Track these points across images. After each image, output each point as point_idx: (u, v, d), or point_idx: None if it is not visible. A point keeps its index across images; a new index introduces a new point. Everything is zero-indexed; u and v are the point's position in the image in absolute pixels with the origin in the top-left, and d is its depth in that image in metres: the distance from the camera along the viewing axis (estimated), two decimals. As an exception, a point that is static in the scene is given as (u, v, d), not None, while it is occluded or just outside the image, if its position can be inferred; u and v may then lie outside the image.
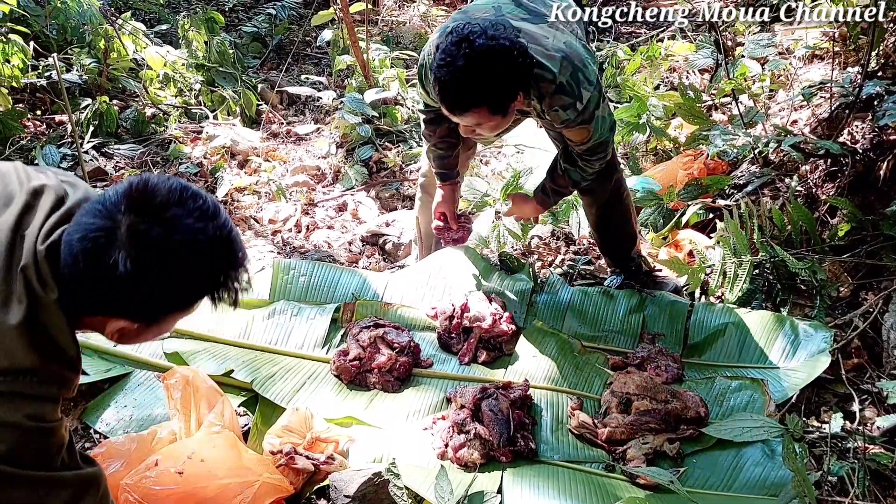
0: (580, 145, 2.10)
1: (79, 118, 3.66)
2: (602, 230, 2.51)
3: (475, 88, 1.77)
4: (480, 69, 1.73)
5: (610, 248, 2.55)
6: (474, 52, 1.71)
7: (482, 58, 1.72)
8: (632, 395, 2.00)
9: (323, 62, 5.11)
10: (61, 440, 1.16)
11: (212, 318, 2.30)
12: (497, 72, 1.75)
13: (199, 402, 1.81)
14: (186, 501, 1.63)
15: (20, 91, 3.83)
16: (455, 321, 2.31)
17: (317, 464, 1.81)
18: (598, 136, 2.06)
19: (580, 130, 2.03)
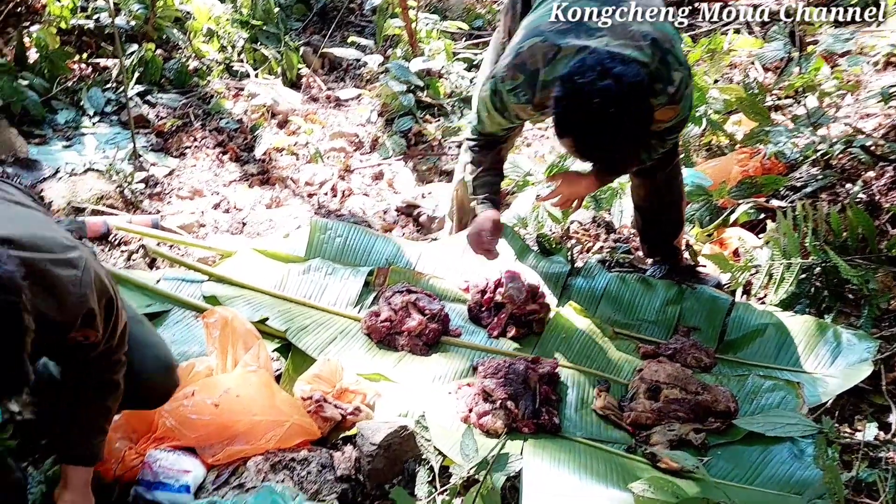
0: (661, 124, 2.16)
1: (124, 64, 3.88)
2: (649, 213, 2.59)
3: (612, 141, 1.91)
4: (619, 127, 1.87)
5: (652, 235, 2.65)
6: (615, 113, 1.83)
7: (619, 117, 1.84)
8: (661, 383, 2.13)
9: (366, 31, 5.28)
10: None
11: (249, 268, 2.50)
12: (633, 125, 1.90)
13: (237, 343, 2.00)
14: (220, 433, 1.82)
15: (67, 32, 4.07)
16: (487, 295, 2.47)
17: (344, 413, 1.98)
18: (681, 115, 2.15)
19: (667, 111, 2.10)
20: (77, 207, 2.89)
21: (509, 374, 2.06)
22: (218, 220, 3.09)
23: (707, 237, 2.98)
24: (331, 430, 2.00)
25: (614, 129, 1.88)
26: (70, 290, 1.32)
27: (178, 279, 2.48)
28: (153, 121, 3.80)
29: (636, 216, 2.66)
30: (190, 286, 2.43)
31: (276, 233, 2.99)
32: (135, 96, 3.87)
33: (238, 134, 3.90)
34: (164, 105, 3.97)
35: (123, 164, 3.29)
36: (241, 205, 3.24)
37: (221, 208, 3.22)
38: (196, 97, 4.12)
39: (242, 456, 1.84)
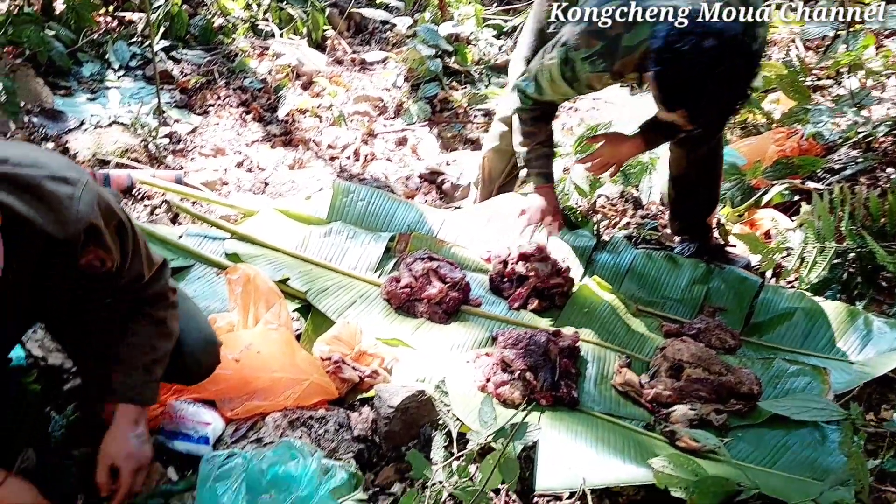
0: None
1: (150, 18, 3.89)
2: (686, 187, 2.55)
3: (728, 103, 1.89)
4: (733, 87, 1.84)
5: (685, 210, 2.62)
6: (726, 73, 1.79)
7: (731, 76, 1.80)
8: (685, 362, 2.13)
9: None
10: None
11: (271, 228, 2.52)
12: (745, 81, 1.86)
13: (258, 301, 2.02)
14: (240, 388, 1.85)
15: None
16: (509, 266, 2.47)
17: (362, 375, 2.01)
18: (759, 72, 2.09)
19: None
20: (102, 160, 2.93)
21: (530, 345, 2.06)
22: (240, 179, 3.11)
23: (738, 217, 2.95)
24: (348, 392, 2.03)
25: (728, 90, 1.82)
26: (66, 203, 1.30)
27: (201, 235, 2.50)
28: (177, 77, 3.82)
29: (670, 190, 2.63)
30: (212, 243, 2.46)
31: (299, 194, 3.01)
32: (160, 51, 3.88)
33: (262, 94, 3.91)
34: (188, 61, 3.98)
35: (148, 118, 3.31)
36: (263, 164, 3.26)
37: (244, 167, 3.24)
38: (221, 55, 4.13)
39: (261, 411, 1.88)
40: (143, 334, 1.56)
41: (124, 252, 1.46)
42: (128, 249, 1.47)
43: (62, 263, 1.37)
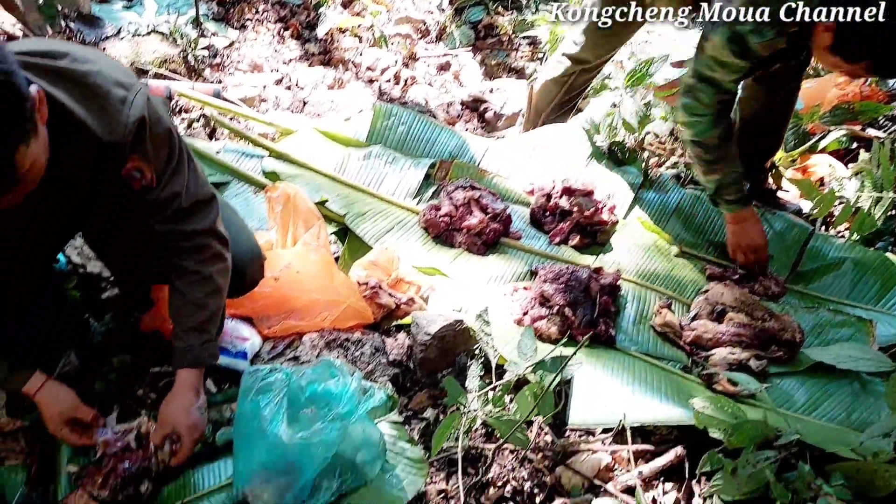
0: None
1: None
2: (755, 128, 2.48)
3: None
4: None
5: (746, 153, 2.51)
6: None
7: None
8: (727, 306, 2.11)
9: None
10: None
11: (309, 148, 2.50)
12: None
13: (298, 220, 2.02)
14: (278, 306, 1.88)
15: None
16: (553, 200, 2.43)
17: (398, 302, 2.02)
18: None
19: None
20: (140, 69, 2.90)
21: (571, 280, 2.05)
22: (279, 97, 3.07)
23: (790, 162, 2.87)
24: (383, 318, 2.05)
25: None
26: (118, 107, 1.29)
27: (239, 152, 2.49)
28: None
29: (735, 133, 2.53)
30: (250, 160, 2.45)
31: (338, 115, 2.97)
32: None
33: (301, 10, 3.82)
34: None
35: (187, 28, 3.26)
36: (302, 83, 3.21)
37: (283, 85, 3.20)
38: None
39: (297, 331, 1.91)
40: (190, 294, 1.53)
41: (166, 166, 1.42)
42: (171, 164, 1.43)
43: (106, 169, 1.37)
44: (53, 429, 1.53)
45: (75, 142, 1.27)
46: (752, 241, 2.27)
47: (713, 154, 2.15)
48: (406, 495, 1.56)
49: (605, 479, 1.69)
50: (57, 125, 1.20)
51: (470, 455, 1.71)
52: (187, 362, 1.54)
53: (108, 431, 1.55)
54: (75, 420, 1.54)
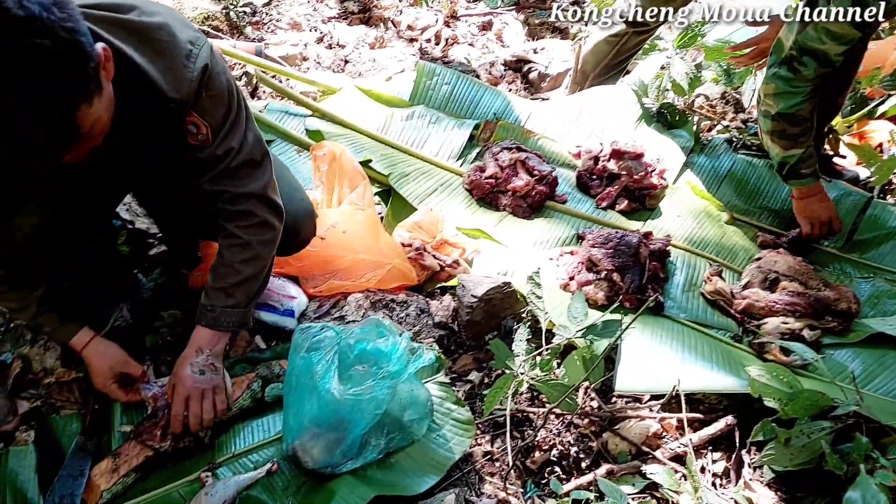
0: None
1: None
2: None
3: None
4: None
5: None
6: None
7: None
8: (781, 275, 2.08)
9: None
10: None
11: (352, 108, 2.50)
12: None
13: (343, 180, 2.03)
14: (323, 265, 1.89)
15: None
16: (600, 163, 2.40)
17: (442, 264, 2.02)
18: None
19: None
20: (181, 26, 2.89)
21: (620, 245, 2.03)
22: (320, 56, 3.06)
23: (847, 128, 2.79)
24: (426, 280, 2.06)
25: None
26: (183, 62, 1.29)
27: (282, 111, 2.50)
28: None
29: None
30: (293, 119, 2.46)
31: (380, 74, 2.95)
32: None
33: (339, -33, 3.78)
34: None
35: (227, -16, 3.26)
36: (343, 41, 3.19)
37: (324, 43, 3.18)
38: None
39: (343, 291, 1.92)
40: (228, 256, 1.52)
41: (223, 123, 1.42)
42: (227, 121, 1.42)
43: (168, 124, 1.37)
44: (101, 384, 1.57)
45: (141, 97, 1.27)
46: (828, 211, 2.22)
47: (800, 127, 2.06)
48: (453, 455, 1.58)
49: (653, 446, 1.69)
50: (124, 80, 1.20)
51: (515, 419, 1.72)
52: (205, 321, 1.53)
53: (153, 387, 1.58)
54: (123, 377, 1.58)
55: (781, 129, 2.07)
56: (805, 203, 2.22)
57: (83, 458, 1.51)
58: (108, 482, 1.46)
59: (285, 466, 1.53)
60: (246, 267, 1.52)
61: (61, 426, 1.61)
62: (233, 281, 1.52)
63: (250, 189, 1.49)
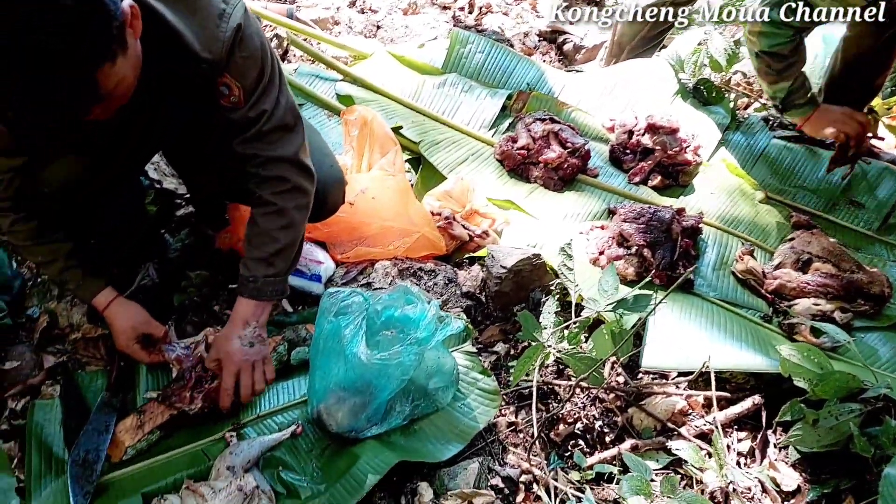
0: None
1: None
2: (857, 69, 2.37)
3: None
4: None
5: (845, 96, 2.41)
6: None
7: None
8: (814, 256, 2.04)
9: None
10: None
11: (384, 74, 2.47)
12: None
13: (374, 145, 2.01)
14: (351, 231, 1.89)
15: None
16: (635, 137, 2.36)
17: (472, 234, 2.01)
18: None
19: None
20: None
21: (652, 220, 2.01)
22: (352, 20, 3.03)
23: (886, 110, 2.72)
24: (454, 250, 2.04)
25: None
26: (216, 22, 1.27)
27: (312, 75, 2.48)
28: None
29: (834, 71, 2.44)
30: (324, 84, 2.44)
31: (412, 41, 2.92)
32: None
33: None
34: None
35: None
36: (376, 6, 3.15)
37: (356, 7, 3.15)
38: None
39: (370, 258, 1.92)
40: (264, 224, 1.49)
41: (255, 85, 1.39)
42: (261, 83, 1.40)
43: (199, 84, 1.36)
44: (124, 344, 1.56)
45: (172, 56, 1.26)
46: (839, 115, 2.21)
47: (783, 62, 2.12)
48: (477, 424, 1.58)
49: (679, 423, 1.68)
50: (154, 38, 1.19)
51: (540, 391, 1.71)
52: (247, 292, 1.51)
53: (176, 348, 1.57)
54: (146, 337, 1.58)
55: (766, 65, 2.14)
56: (813, 121, 2.22)
57: (108, 413, 1.52)
58: (133, 439, 1.46)
59: (310, 429, 1.54)
60: (283, 234, 1.50)
61: (87, 382, 1.62)
62: (271, 249, 1.50)
63: (282, 153, 1.47)
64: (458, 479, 1.49)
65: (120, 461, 1.44)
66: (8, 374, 1.60)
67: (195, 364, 1.55)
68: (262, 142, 1.45)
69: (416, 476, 1.50)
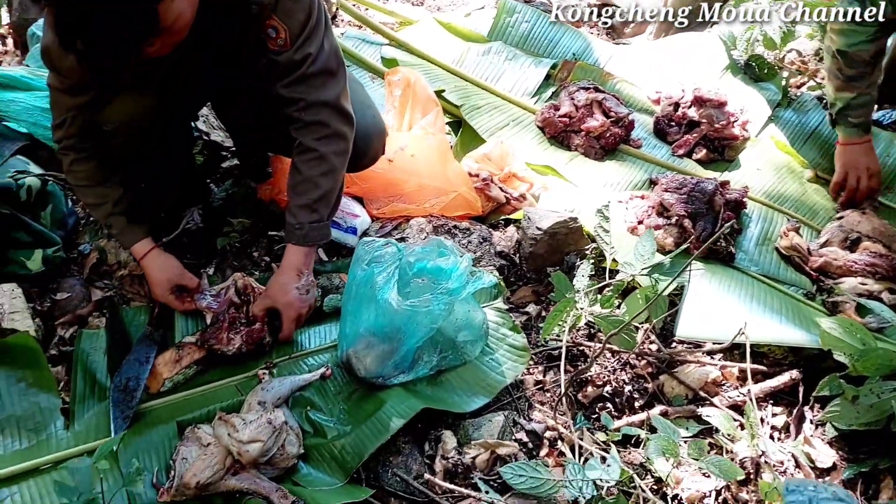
0: None
1: None
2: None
3: None
4: None
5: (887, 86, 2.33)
6: None
7: None
8: (863, 235, 1.97)
9: None
10: None
11: (429, 40, 2.46)
12: None
13: (416, 106, 2.01)
14: (388, 188, 1.89)
15: None
16: (681, 110, 2.31)
17: (509, 197, 1.99)
18: None
19: None
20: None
21: (694, 191, 1.96)
22: (399, -12, 3.03)
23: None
24: (490, 212, 2.03)
25: None
26: None
27: (359, 39, 2.49)
28: None
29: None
30: (369, 48, 2.44)
31: (459, 9, 2.90)
32: None
33: None
34: None
35: None
36: (425, -25, 3.14)
37: (405, -25, 3.14)
38: None
39: (406, 214, 1.92)
40: (306, 171, 1.51)
41: (302, 29, 1.40)
42: (307, 27, 1.41)
43: (248, 26, 1.38)
44: (160, 294, 1.60)
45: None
46: (869, 163, 2.11)
47: (855, 70, 2.01)
48: (505, 379, 1.57)
49: (711, 392, 1.64)
50: None
51: (570, 353, 1.69)
52: (296, 239, 1.54)
53: (206, 296, 1.60)
54: (180, 287, 1.61)
55: (837, 67, 2.02)
56: (846, 150, 2.12)
57: (149, 346, 1.56)
58: (171, 371, 1.50)
59: (338, 373, 1.55)
60: (325, 180, 1.52)
61: (130, 317, 1.66)
62: (315, 196, 1.52)
63: (325, 97, 1.47)
64: (483, 430, 1.48)
65: (157, 392, 1.48)
66: (59, 304, 1.67)
67: (227, 307, 1.58)
68: (305, 85, 1.46)
69: (440, 425, 1.50)
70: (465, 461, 1.42)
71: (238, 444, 1.32)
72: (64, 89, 1.41)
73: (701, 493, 1.42)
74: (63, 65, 1.34)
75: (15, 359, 1.45)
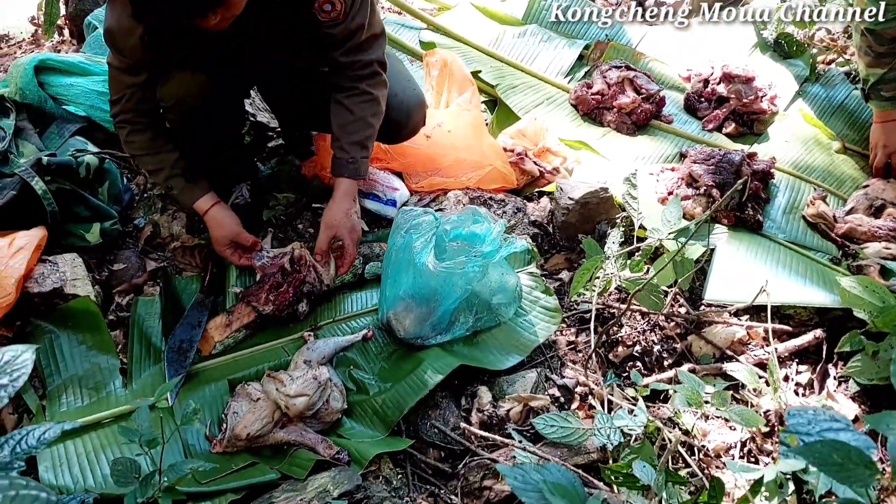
0: None
1: None
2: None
3: None
4: None
5: None
6: None
7: None
8: (888, 202, 1.98)
9: None
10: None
11: (466, 24, 2.53)
12: None
13: (452, 86, 2.07)
14: (426, 162, 1.95)
15: None
16: (710, 86, 2.33)
17: (542, 170, 2.04)
18: None
19: None
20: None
21: (722, 162, 1.98)
22: (438, -25, 3.08)
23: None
24: (525, 185, 2.08)
25: None
26: None
27: (398, 24, 2.56)
28: None
29: None
30: (408, 32, 2.51)
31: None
32: None
33: None
34: None
35: None
36: (460, -37, 3.19)
37: (442, -37, 3.19)
38: None
39: (443, 188, 1.98)
40: (359, 112, 1.61)
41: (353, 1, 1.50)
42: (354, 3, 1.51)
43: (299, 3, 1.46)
44: (219, 248, 1.68)
45: None
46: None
47: (885, 47, 1.99)
48: (538, 339, 1.63)
49: (738, 352, 1.68)
50: None
51: (601, 317, 1.75)
52: (349, 172, 1.63)
53: (264, 256, 1.68)
54: (238, 244, 1.69)
55: (868, 44, 2.00)
56: (882, 127, 2.10)
57: (201, 311, 1.65)
58: (222, 335, 1.59)
59: (379, 335, 1.62)
60: (374, 119, 1.64)
61: (182, 285, 1.76)
62: (368, 133, 1.63)
63: (377, 56, 1.61)
64: (517, 385, 1.54)
65: (209, 354, 1.57)
66: (116, 274, 1.76)
67: (276, 271, 1.65)
68: (361, 50, 1.59)
69: (476, 382, 1.57)
70: (500, 413, 1.49)
71: (286, 398, 1.40)
72: (124, 68, 1.50)
73: (727, 444, 1.47)
74: (126, 45, 1.44)
75: (77, 323, 1.56)
